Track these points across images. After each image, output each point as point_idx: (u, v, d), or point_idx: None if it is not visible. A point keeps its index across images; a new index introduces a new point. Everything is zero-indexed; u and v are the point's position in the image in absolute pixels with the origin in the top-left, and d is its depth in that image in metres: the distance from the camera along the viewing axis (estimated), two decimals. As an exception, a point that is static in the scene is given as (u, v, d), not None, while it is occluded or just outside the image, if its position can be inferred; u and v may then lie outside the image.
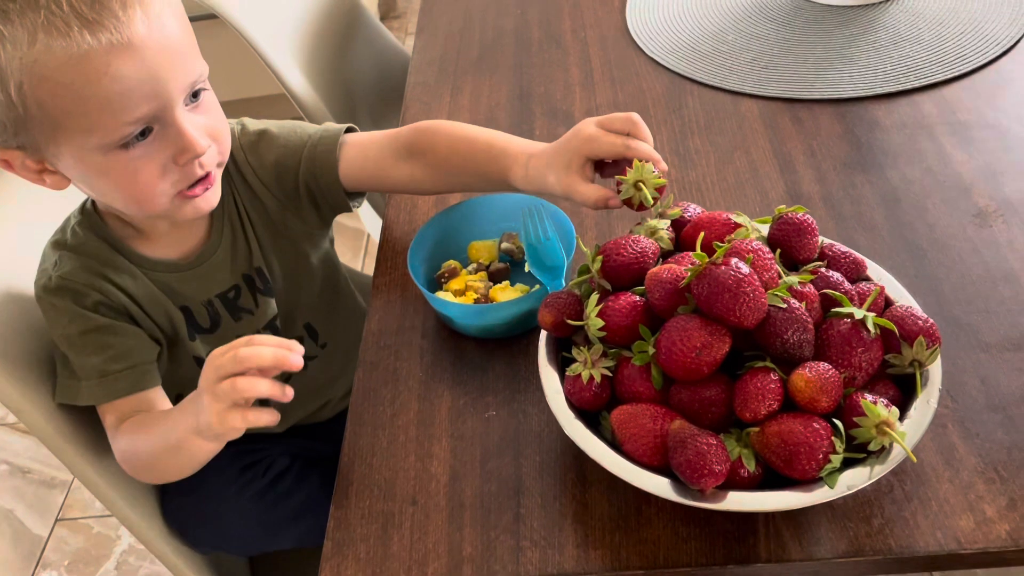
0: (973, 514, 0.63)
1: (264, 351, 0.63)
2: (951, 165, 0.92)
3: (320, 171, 0.86)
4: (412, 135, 0.86)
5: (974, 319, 0.76)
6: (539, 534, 0.66)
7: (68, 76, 0.64)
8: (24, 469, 1.74)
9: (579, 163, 0.76)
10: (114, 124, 0.67)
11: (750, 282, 0.59)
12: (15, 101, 0.65)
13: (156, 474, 0.80)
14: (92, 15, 0.64)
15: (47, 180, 0.73)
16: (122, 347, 0.79)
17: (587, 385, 0.64)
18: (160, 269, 0.82)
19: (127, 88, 0.66)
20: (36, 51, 0.64)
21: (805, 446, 0.57)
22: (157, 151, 0.70)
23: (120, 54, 0.65)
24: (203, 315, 0.85)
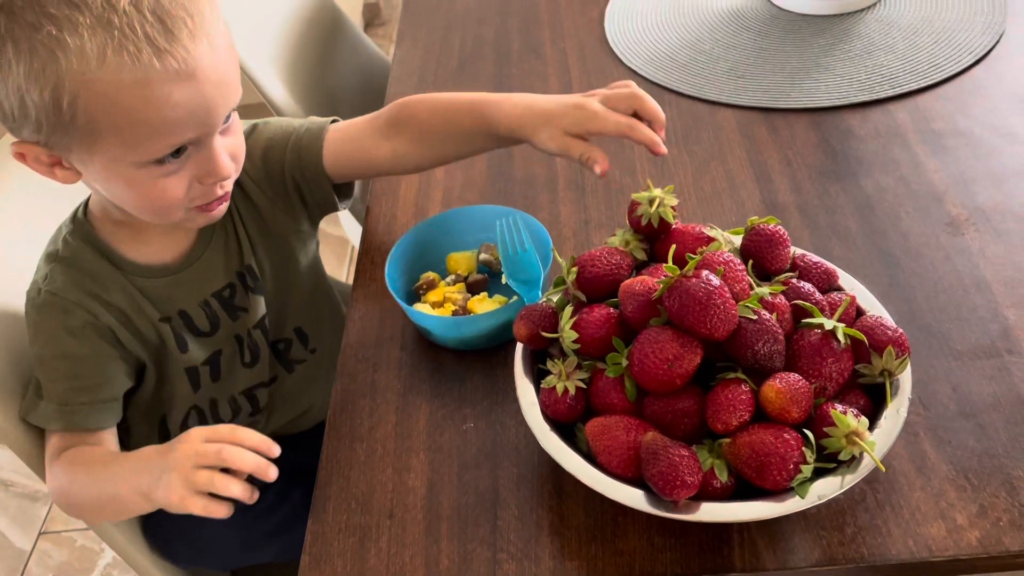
0: (944, 522, 0.63)
1: (248, 457, 0.65)
2: (924, 174, 0.93)
3: (305, 160, 0.86)
4: (392, 111, 0.87)
5: (946, 327, 0.77)
6: (516, 546, 0.66)
7: (128, 98, 0.65)
8: (7, 482, 1.74)
9: (577, 132, 0.77)
10: (159, 146, 0.69)
11: (720, 294, 0.60)
12: (64, 109, 0.66)
13: (84, 514, 0.79)
14: (164, 43, 0.65)
15: (58, 174, 0.73)
16: (91, 380, 0.78)
17: (562, 397, 0.65)
18: (155, 274, 0.82)
19: (180, 116, 0.67)
20: (103, 71, 0.64)
21: (776, 456, 0.58)
22: (188, 169, 0.72)
23: (183, 84, 0.66)
24: (201, 317, 0.85)
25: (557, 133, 0.77)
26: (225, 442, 0.65)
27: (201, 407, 0.89)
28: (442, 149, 0.86)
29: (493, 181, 1.00)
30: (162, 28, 0.65)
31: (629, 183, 0.97)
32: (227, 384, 0.89)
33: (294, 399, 0.96)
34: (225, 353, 0.87)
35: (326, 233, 2.16)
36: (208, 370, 0.87)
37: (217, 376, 0.88)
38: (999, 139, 0.95)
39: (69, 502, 0.77)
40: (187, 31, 0.66)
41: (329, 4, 1.43)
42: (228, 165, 0.74)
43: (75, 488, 0.76)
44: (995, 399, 0.71)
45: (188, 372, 0.86)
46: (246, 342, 0.88)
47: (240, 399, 0.91)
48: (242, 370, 0.89)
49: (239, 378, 0.89)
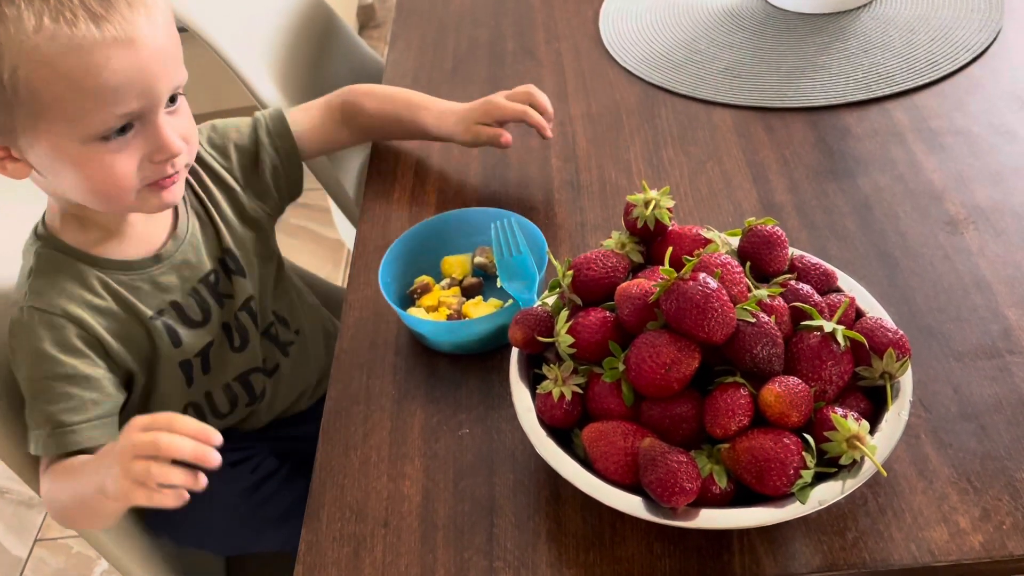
0: (947, 526, 0.63)
1: (184, 444, 0.63)
2: (922, 172, 0.92)
3: (279, 143, 0.93)
4: (343, 102, 0.99)
5: (946, 327, 0.76)
6: (512, 554, 0.65)
7: (68, 65, 0.66)
8: (2, 489, 1.72)
9: (484, 121, 0.95)
10: (102, 117, 0.69)
11: (718, 297, 0.59)
12: (5, 83, 0.66)
13: (70, 523, 0.79)
14: (100, 10, 0.67)
15: (8, 167, 0.74)
16: (87, 397, 0.76)
17: (558, 403, 0.64)
18: (138, 267, 0.82)
19: (122, 83, 0.68)
20: (40, 37, 0.65)
21: (776, 462, 0.57)
22: (135, 147, 0.73)
23: (121, 49, 0.68)
24: (193, 307, 0.85)
25: (469, 126, 0.95)
26: (162, 431, 0.63)
27: (197, 402, 0.89)
28: (384, 133, 1.04)
29: (488, 183, 0.99)
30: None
31: (624, 184, 0.96)
32: (219, 373, 0.89)
33: (293, 382, 0.97)
34: (215, 343, 0.88)
35: (321, 236, 2.15)
36: (200, 361, 0.87)
37: (207, 367, 0.88)
38: (997, 137, 0.95)
39: (59, 512, 0.77)
40: (124, 1, 0.68)
41: (323, 6, 1.42)
42: (177, 142, 0.74)
43: (61, 496, 0.75)
44: (997, 400, 0.70)
45: (182, 367, 0.85)
46: (234, 327, 0.89)
47: (235, 386, 0.91)
48: (232, 356, 0.90)
49: (230, 365, 0.90)
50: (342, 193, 1.30)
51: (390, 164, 1.04)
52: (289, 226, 2.18)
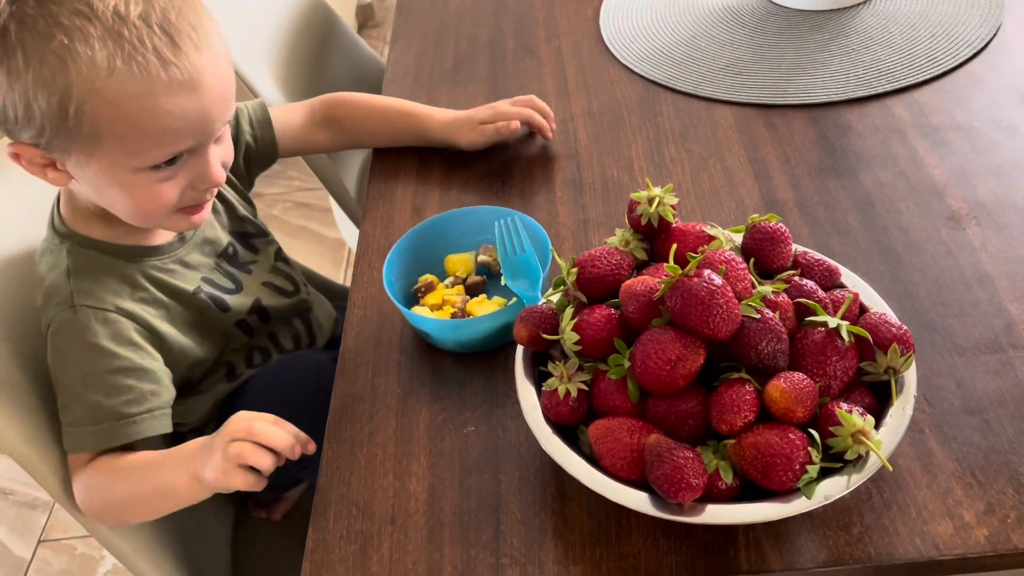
0: (952, 520, 0.63)
1: (275, 434, 0.68)
2: (924, 168, 0.92)
3: (260, 134, 0.97)
4: (326, 108, 1.02)
5: (949, 322, 0.76)
6: (519, 551, 0.65)
7: (134, 107, 0.68)
8: (5, 490, 1.73)
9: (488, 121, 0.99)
10: (158, 153, 0.72)
11: (723, 293, 0.59)
12: (71, 116, 0.68)
13: (125, 514, 0.80)
14: (170, 55, 0.69)
15: (50, 175, 0.75)
16: (142, 390, 0.78)
17: (564, 400, 0.64)
18: (167, 251, 0.85)
19: (182, 125, 0.71)
20: (111, 80, 0.67)
21: (781, 457, 0.57)
22: (182, 176, 0.75)
23: (185, 94, 0.70)
24: (221, 278, 0.89)
25: (475, 125, 1.00)
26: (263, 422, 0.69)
27: (263, 346, 0.93)
28: (371, 142, 1.06)
29: (490, 182, 0.99)
30: (169, 41, 0.68)
31: (627, 182, 0.96)
32: (279, 319, 0.94)
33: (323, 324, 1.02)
34: (264, 298, 0.92)
35: (322, 235, 2.15)
36: (256, 318, 0.91)
37: (267, 318, 0.93)
38: (998, 132, 0.95)
39: (108, 507, 0.78)
40: (192, 44, 0.70)
41: (322, 6, 1.42)
42: (220, 173, 0.78)
43: (118, 490, 0.76)
44: (1000, 394, 0.70)
45: (239, 325, 0.90)
46: (276, 280, 0.94)
47: (297, 324, 0.96)
48: (286, 302, 0.95)
49: (287, 309, 0.95)
50: (344, 192, 1.30)
51: (392, 163, 1.04)
52: (290, 226, 2.19)
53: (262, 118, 0.98)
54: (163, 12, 0.69)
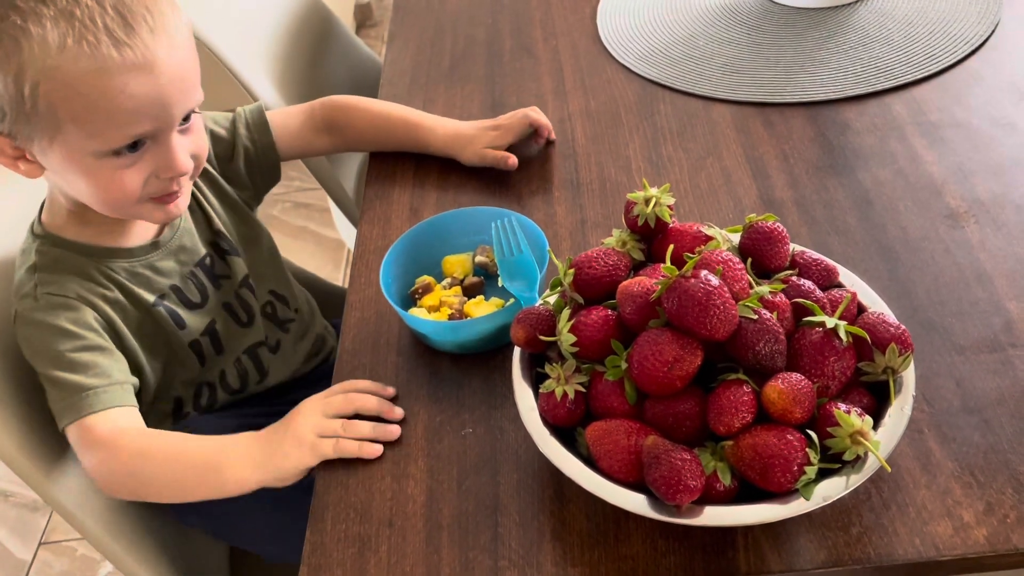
0: (951, 520, 0.63)
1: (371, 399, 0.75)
2: (922, 166, 0.92)
3: (258, 140, 0.96)
4: (327, 112, 1.01)
5: (948, 321, 0.76)
6: (517, 553, 0.65)
7: (87, 87, 0.69)
8: (6, 492, 1.73)
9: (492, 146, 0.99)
10: (116, 136, 0.72)
11: (720, 294, 0.59)
12: (26, 96, 0.69)
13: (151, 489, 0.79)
14: (123, 35, 0.69)
15: (22, 167, 0.76)
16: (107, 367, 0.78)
17: (561, 402, 0.64)
18: (140, 254, 0.85)
19: (138, 106, 0.71)
20: (63, 58, 0.68)
21: (779, 458, 0.57)
22: (145, 163, 0.75)
23: (140, 74, 0.70)
24: (191, 289, 0.88)
25: (478, 150, 0.98)
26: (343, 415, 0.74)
27: (211, 381, 0.92)
28: (372, 149, 1.05)
29: (488, 182, 0.99)
30: (122, 22, 0.69)
31: (624, 181, 0.96)
32: (230, 349, 0.92)
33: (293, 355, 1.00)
34: (219, 322, 0.91)
35: (321, 236, 2.15)
36: (208, 341, 0.90)
37: (220, 346, 0.91)
38: (997, 129, 0.95)
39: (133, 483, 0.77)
40: (147, 27, 0.70)
41: (320, 6, 1.42)
42: (186, 162, 0.77)
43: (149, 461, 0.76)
44: (999, 393, 0.70)
45: (192, 347, 0.88)
46: (236, 305, 0.93)
47: (245, 360, 0.94)
48: (240, 331, 0.93)
49: (239, 340, 0.93)
50: (342, 193, 1.30)
51: (390, 164, 1.04)
52: (290, 226, 2.18)
53: (259, 121, 0.97)
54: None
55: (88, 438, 0.76)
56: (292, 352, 0.99)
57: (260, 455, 0.73)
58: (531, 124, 0.99)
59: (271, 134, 0.97)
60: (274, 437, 0.74)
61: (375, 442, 0.73)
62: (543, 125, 1.00)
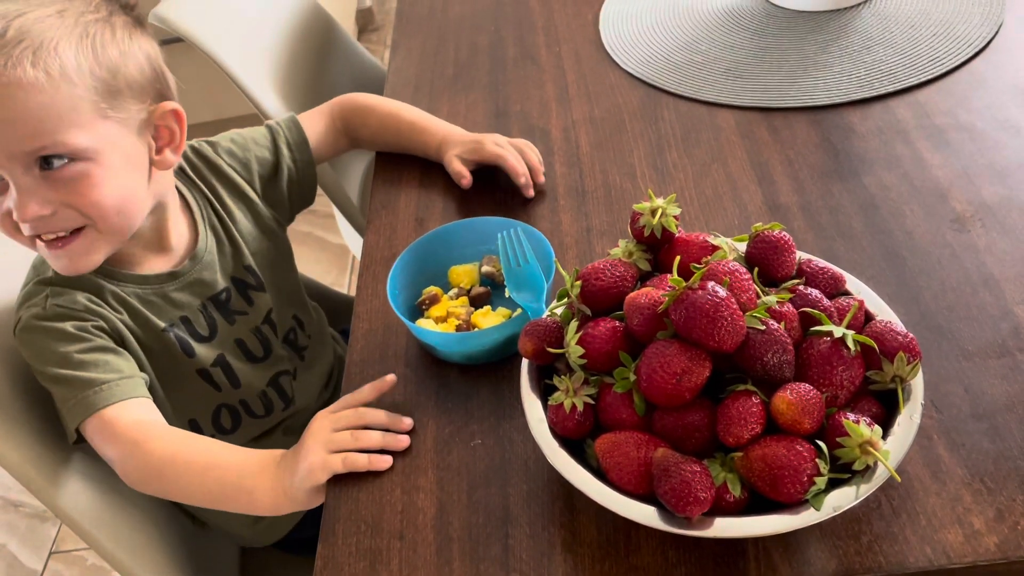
0: (962, 527, 0.63)
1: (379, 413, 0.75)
2: (928, 170, 0.92)
3: (296, 149, 0.97)
4: (344, 113, 1.03)
5: (956, 326, 0.76)
6: (528, 565, 0.65)
7: None
8: (16, 503, 1.73)
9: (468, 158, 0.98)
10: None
11: (727, 305, 0.59)
12: None
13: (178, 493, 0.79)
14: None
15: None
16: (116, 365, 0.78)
17: (570, 414, 0.64)
18: (154, 282, 0.85)
19: None
20: None
21: (789, 469, 0.57)
22: (5, 199, 0.74)
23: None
24: (200, 322, 0.88)
25: (453, 158, 0.98)
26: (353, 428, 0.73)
27: (232, 405, 0.92)
28: (381, 148, 1.06)
29: (492, 192, 0.99)
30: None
31: (630, 188, 0.96)
32: (250, 384, 0.92)
33: (311, 382, 1.00)
34: (229, 356, 0.90)
35: (326, 241, 2.16)
36: (221, 372, 0.89)
37: (235, 380, 0.91)
38: (1002, 132, 0.94)
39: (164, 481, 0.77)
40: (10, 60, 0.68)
41: (322, 13, 1.42)
42: (30, 210, 0.72)
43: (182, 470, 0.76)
44: (1009, 399, 0.70)
45: (200, 374, 0.88)
46: (252, 341, 0.92)
47: (270, 392, 0.94)
48: (257, 367, 0.93)
49: (258, 375, 0.93)
50: (345, 199, 1.30)
51: (395, 174, 1.04)
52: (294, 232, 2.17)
53: (299, 140, 0.97)
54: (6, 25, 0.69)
55: (110, 431, 0.76)
56: (310, 377, 1.00)
57: (286, 481, 0.73)
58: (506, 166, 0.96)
59: (309, 148, 0.98)
60: (292, 463, 0.74)
61: (385, 452, 0.73)
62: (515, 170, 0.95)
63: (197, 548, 0.97)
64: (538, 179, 0.96)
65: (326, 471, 0.72)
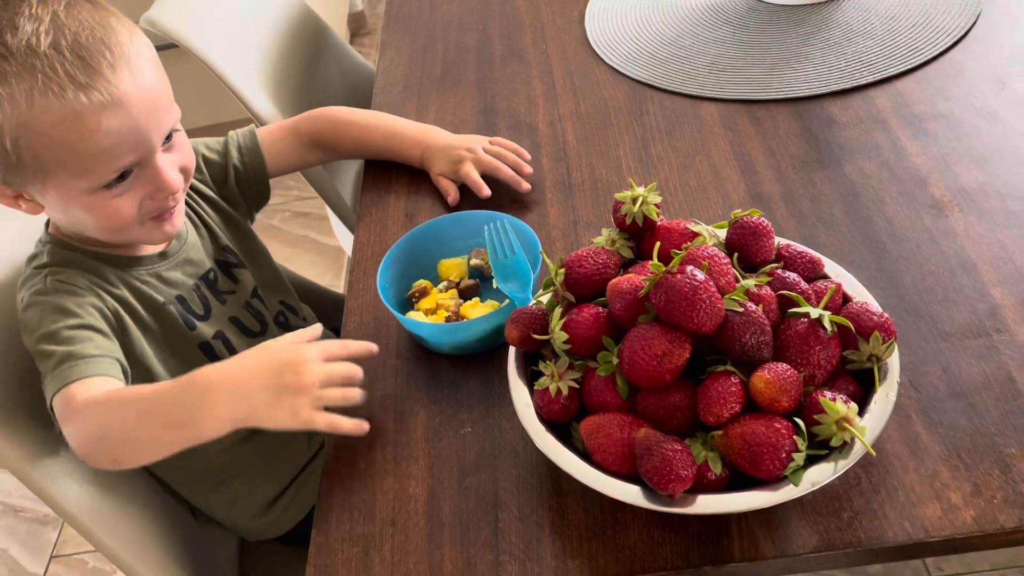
0: (939, 502, 0.64)
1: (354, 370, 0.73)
2: (907, 157, 0.93)
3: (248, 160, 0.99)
4: (312, 126, 1.03)
5: (934, 309, 0.78)
6: (518, 547, 0.67)
7: (62, 132, 0.72)
8: (16, 508, 1.74)
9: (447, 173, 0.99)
10: (102, 172, 0.75)
11: (706, 288, 0.61)
12: (9, 151, 0.73)
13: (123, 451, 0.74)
14: (84, 78, 0.71)
15: (23, 206, 0.79)
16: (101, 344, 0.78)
17: (555, 398, 0.65)
18: (147, 264, 0.87)
19: (115, 142, 0.74)
20: (33, 112, 0.71)
21: (768, 446, 0.59)
22: (136, 190, 0.78)
23: (109, 112, 0.72)
24: (195, 301, 0.90)
25: (438, 178, 1.00)
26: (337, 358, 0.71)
27: None
28: (359, 158, 1.08)
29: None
30: (82, 64, 0.71)
31: (616, 182, 0.98)
32: None
33: None
34: (228, 333, 0.92)
35: (321, 244, 2.17)
36: (221, 345, 0.91)
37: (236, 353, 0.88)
38: (979, 119, 0.96)
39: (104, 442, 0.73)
40: (106, 63, 0.72)
41: (313, 17, 1.44)
42: (175, 179, 0.79)
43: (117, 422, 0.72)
44: (985, 378, 0.72)
45: (202, 348, 0.90)
46: (247, 317, 0.94)
47: None
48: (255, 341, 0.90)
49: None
50: (340, 202, 1.32)
51: (385, 171, 1.05)
52: (290, 236, 2.20)
53: (250, 144, 1.00)
54: (74, 37, 0.72)
55: (68, 408, 0.73)
56: None
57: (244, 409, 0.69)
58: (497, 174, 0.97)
59: (262, 155, 1.00)
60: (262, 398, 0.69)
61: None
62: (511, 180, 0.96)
63: (197, 542, 0.98)
64: (524, 171, 0.98)
65: (308, 425, 0.69)
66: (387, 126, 1.05)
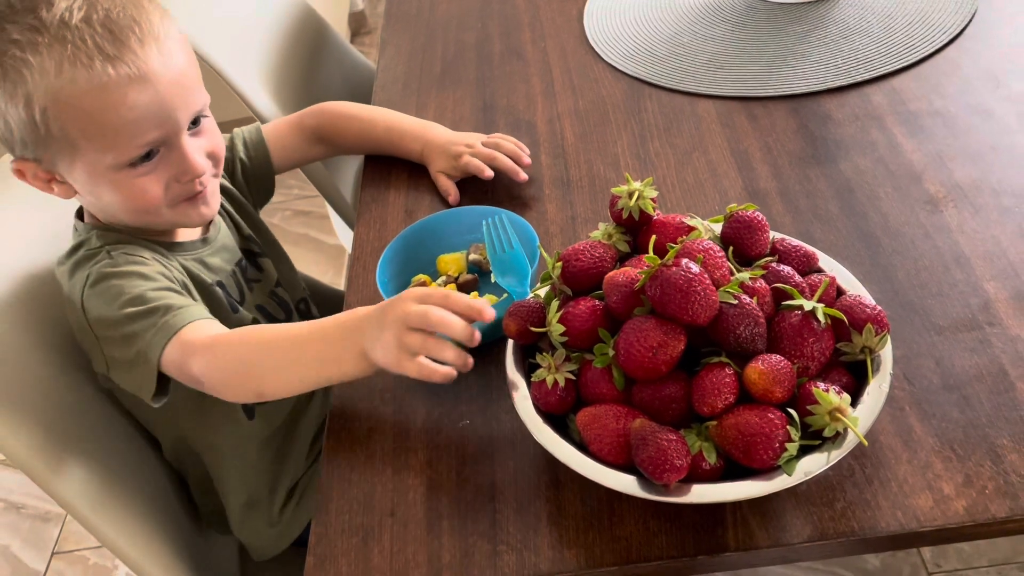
0: (931, 492, 0.65)
1: (453, 322, 0.67)
2: (902, 154, 0.94)
3: (255, 156, 1.01)
4: (316, 121, 1.04)
5: (928, 303, 0.78)
6: (515, 538, 0.67)
7: (89, 104, 0.73)
8: (18, 504, 1.75)
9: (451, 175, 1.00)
10: (127, 147, 0.76)
11: (700, 281, 0.61)
12: (38, 122, 0.74)
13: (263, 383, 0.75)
14: (113, 51, 0.73)
15: (55, 189, 0.81)
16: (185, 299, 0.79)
17: (552, 390, 0.66)
18: (191, 248, 0.88)
19: (140, 116, 0.75)
20: (62, 81, 0.72)
21: (762, 436, 0.59)
22: (162, 170, 0.79)
23: (135, 86, 0.74)
24: (233, 287, 0.92)
25: (438, 175, 1.00)
26: (437, 306, 0.68)
27: None
28: (361, 152, 1.10)
29: (480, 183, 1.01)
30: (111, 37, 0.73)
31: (613, 177, 0.99)
32: None
33: None
34: (261, 320, 0.94)
35: (322, 242, 2.18)
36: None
37: None
38: (974, 117, 0.97)
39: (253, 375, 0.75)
40: (135, 38, 0.74)
41: (314, 16, 1.45)
42: (201, 163, 0.80)
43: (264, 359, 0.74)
44: (978, 371, 0.72)
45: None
46: (272, 305, 0.97)
47: None
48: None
49: None
50: (340, 199, 1.33)
51: (385, 168, 1.06)
52: (291, 234, 2.21)
53: (255, 139, 1.01)
54: (105, 12, 0.73)
55: (190, 349, 0.74)
56: None
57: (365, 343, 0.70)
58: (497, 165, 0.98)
59: (267, 150, 1.01)
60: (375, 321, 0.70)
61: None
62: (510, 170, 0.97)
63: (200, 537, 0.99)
64: (523, 162, 0.99)
65: (398, 368, 0.69)
66: (388, 120, 1.06)
